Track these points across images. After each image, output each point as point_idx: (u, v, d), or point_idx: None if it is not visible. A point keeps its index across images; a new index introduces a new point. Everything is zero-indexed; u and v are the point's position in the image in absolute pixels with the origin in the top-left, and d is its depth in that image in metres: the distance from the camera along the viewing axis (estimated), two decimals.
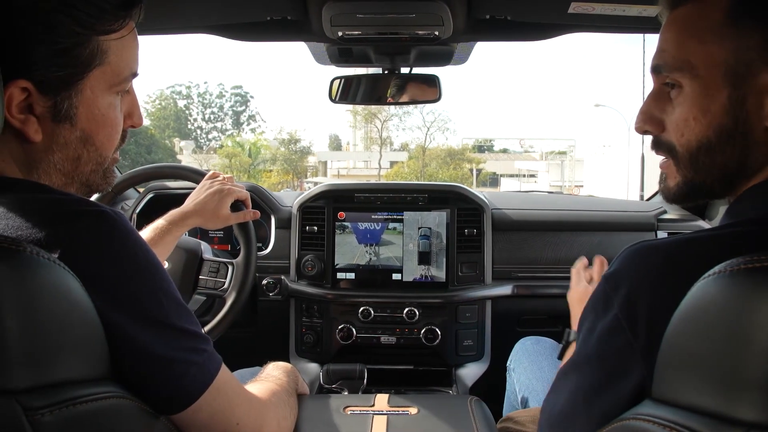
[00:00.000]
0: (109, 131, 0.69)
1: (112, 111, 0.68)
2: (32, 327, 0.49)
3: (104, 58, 0.64)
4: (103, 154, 0.69)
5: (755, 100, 0.58)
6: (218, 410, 0.67)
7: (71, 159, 0.67)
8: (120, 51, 0.66)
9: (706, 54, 0.60)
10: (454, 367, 1.68)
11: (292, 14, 1.23)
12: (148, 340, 0.60)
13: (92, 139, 0.67)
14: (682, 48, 0.62)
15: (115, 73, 0.66)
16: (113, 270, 0.59)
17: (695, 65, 0.60)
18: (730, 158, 0.61)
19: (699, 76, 0.60)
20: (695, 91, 0.61)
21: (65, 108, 0.63)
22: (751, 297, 0.43)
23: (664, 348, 0.50)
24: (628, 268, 0.57)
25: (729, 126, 0.59)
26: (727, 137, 0.60)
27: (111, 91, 0.67)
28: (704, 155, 0.62)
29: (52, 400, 0.50)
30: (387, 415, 0.94)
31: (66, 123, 0.64)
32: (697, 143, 0.62)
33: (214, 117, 46.73)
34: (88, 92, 0.64)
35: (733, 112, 0.59)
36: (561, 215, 1.77)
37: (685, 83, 0.62)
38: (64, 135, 0.65)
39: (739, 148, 0.60)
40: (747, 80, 0.58)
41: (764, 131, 0.58)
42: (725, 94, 0.59)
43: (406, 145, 40.93)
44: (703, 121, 0.61)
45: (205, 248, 1.39)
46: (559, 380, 0.64)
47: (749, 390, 0.43)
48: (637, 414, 0.51)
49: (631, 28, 1.30)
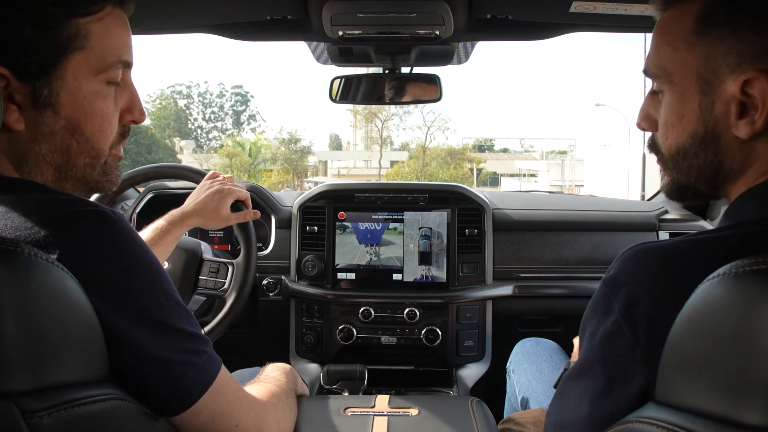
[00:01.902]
0: (99, 122, 0.66)
1: (101, 100, 0.66)
2: (30, 329, 0.49)
3: (85, 42, 0.62)
4: (96, 147, 0.67)
5: (723, 107, 0.59)
6: (218, 412, 0.66)
7: (60, 150, 0.65)
8: (103, 36, 0.64)
9: (679, 61, 0.61)
10: (454, 367, 1.67)
11: (292, 14, 1.22)
12: (147, 341, 0.60)
13: (80, 129, 0.65)
14: (660, 54, 0.63)
15: (99, 58, 0.64)
16: (112, 271, 0.59)
17: (671, 72, 0.62)
18: (704, 163, 0.62)
19: (675, 83, 0.62)
20: (672, 97, 0.63)
21: (45, 95, 0.61)
22: (756, 299, 0.43)
23: (667, 350, 0.49)
24: (627, 271, 0.57)
25: (701, 132, 0.61)
26: (699, 143, 0.61)
27: (98, 78, 0.65)
28: (682, 159, 0.63)
29: (50, 402, 0.49)
30: (387, 416, 0.94)
31: (48, 110, 0.62)
32: (675, 147, 0.64)
33: (215, 116, 46.84)
34: (70, 78, 0.62)
35: (704, 119, 0.60)
36: (562, 215, 1.77)
37: (665, 89, 0.64)
38: (48, 123, 0.63)
39: (712, 154, 0.61)
40: (715, 88, 0.59)
41: (734, 138, 0.59)
42: (696, 101, 0.60)
43: (406, 145, 40.98)
44: (679, 127, 0.62)
45: (205, 248, 1.39)
46: (565, 386, 0.64)
47: (754, 393, 0.42)
48: (640, 417, 0.50)
49: (632, 28, 1.30)
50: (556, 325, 1.75)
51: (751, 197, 0.60)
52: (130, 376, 0.59)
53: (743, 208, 0.60)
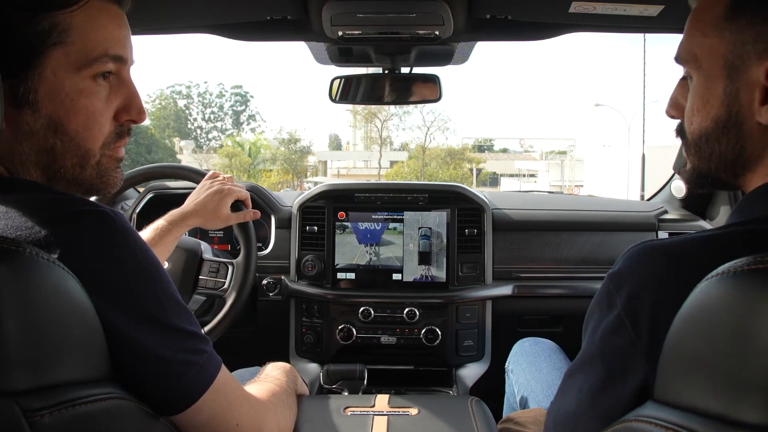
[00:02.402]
0: (84, 120, 0.63)
1: (85, 97, 0.63)
2: (32, 328, 0.49)
3: (64, 36, 0.60)
4: (83, 146, 0.64)
5: (747, 93, 0.59)
6: (218, 411, 0.67)
7: (44, 150, 0.63)
8: (85, 30, 0.61)
9: (708, 47, 0.62)
10: (454, 367, 1.67)
11: (292, 14, 1.22)
12: (147, 340, 0.60)
13: (63, 128, 0.62)
14: (691, 40, 0.64)
15: (81, 53, 0.61)
16: (113, 270, 0.59)
17: (699, 57, 0.63)
18: (726, 148, 0.62)
19: (702, 68, 0.63)
20: (699, 82, 0.63)
21: (22, 91, 0.60)
22: (755, 298, 0.43)
23: (666, 349, 0.50)
24: (631, 267, 0.57)
25: (724, 117, 0.61)
26: (723, 128, 0.62)
27: (81, 74, 0.62)
28: (705, 144, 0.64)
29: (51, 401, 0.50)
30: (387, 415, 0.94)
31: (26, 108, 0.60)
32: (698, 132, 0.64)
33: (214, 117, 46.82)
34: (50, 74, 0.60)
35: (728, 105, 0.61)
36: (562, 215, 1.77)
37: (693, 74, 0.64)
38: (27, 122, 0.61)
39: (734, 139, 0.61)
40: (741, 74, 0.59)
41: (757, 125, 0.59)
42: (722, 86, 0.61)
43: (406, 145, 40.96)
44: (704, 111, 0.63)
45: (205, 248, 1.39)
46: (565, 382, 0.64)
47: (753, 392, 0.42)
48: (639, 416, 0.50)
49: (632, 28, 1.30)
50: (555, 325, 1.75)
51: (760, 194, 0.60)
52: (131, 375, 0.60)
53: (752, 205, 0.60)
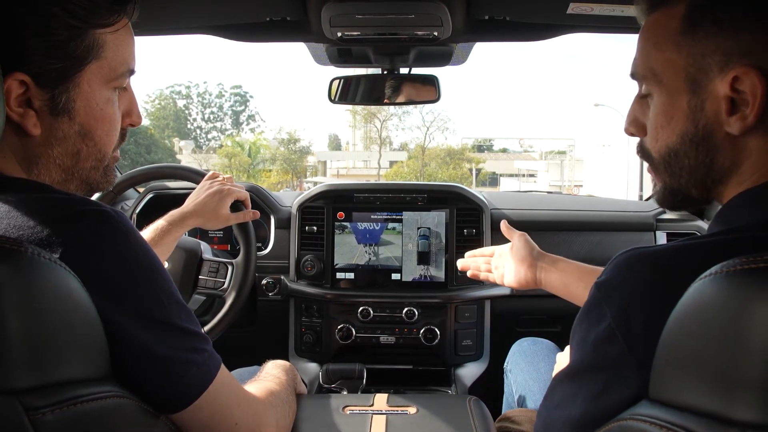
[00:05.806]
0: (108, 127, 0.69)
1: (110, 107, 0.69)
2: (33, 327, 0.50)
3: (100, 52, 0.65)
4: (103, 150, 0.70)
5: (713, 105, 0.59)
6: (218, 410, 0.67)
7: (71, 154, 0.67)
8: (116, 46, 0.67)
9: (666, 61, 0.61)
10: (453, 366, 1.68)
11: (291, 15, 1.23)
12: (148, 339, 0.60)
13: (91, 134, 0.68)
14: (647, 56, 0.64)
15: (111, 68, 0.67)
16: (114, 270, 0.60)
17: (659, 73, 0.62)
18: (696, 162, 0.62)
19: (663, 84, 0.62)
20: (661, 98, 0.63)
21: (63, 101, 0.64)
22: (747, 297, 0.43)
23: (660, 348, 0.50)
24: (619, 277, 0.56)
25: (692, 131, 0.61)
26: (690, 142, 0.61)
27: (108, 86, 0.68)
28: (674, 160, 0.63)
29: (53, 399, 0.50)
30: (386, 414, 0.94)
31: (64, 116, 0.65)
32: (666, 149, 0.63)
33: (214, 117, 46.79)
34: (86, 86, 0.65)
35: (694, 118, 0.60)
36: (560, 215, 1.77)
37: (653, 91, 0.64)
38: (63, 129, 0.66)
39: (704, 152, 0.61)
40: (704, 86, 0.59)
41: (725, 135, 0.59)
42: (685, 100, 0.60)
43: (405, 145, 40.96)
44: (668, 128, 0.62)
45: (205, 248, 1.40)
46: (554, 388, 0.63)
47: (745, 390, 0.43)
48: (633, 414, 0.51)
49: (629, 29, 1.31)
50: (553, 325, 1.75)
51: (743, 201, 0.60)
52: (132, 373, 0.60)
53: (736, 212, 0.60)
